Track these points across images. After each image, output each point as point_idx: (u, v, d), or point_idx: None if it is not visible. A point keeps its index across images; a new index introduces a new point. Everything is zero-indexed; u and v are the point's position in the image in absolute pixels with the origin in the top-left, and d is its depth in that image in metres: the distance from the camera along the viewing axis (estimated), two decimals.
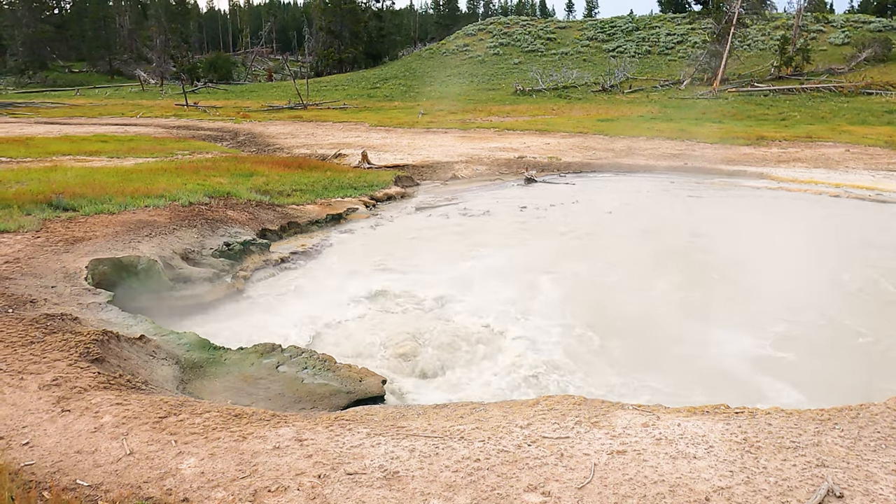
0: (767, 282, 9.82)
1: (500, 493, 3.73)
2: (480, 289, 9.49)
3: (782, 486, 3.78)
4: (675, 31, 61.31)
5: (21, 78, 69.88)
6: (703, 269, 10.74)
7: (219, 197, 12.82)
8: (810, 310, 8.74)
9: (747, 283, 9.86)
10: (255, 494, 3.71)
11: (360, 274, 10.27)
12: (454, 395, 6.56)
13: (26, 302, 6.96)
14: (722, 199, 16.66)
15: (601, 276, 10.27)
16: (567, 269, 10.46)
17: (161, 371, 6.18)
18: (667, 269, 10.55)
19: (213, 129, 32.05)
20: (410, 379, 7.00)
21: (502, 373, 7.01)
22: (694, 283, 9.92)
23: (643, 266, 10.68)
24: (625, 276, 10.22)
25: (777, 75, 46.42)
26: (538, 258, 11.15)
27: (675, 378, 6.79)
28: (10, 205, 10.67)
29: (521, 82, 51.89)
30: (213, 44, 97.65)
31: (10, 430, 4.37)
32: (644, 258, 11.14)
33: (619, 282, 10.00)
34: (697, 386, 6.62)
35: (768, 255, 11.35)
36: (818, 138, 25.48)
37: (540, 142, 25.52)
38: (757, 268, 10.54)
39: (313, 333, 7.98)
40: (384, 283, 9.65)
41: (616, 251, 11.64)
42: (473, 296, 9.21)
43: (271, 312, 8.69)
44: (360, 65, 72.89)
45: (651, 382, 6.73)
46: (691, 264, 10.98)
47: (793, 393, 6.48)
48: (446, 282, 9.76)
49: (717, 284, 9.98)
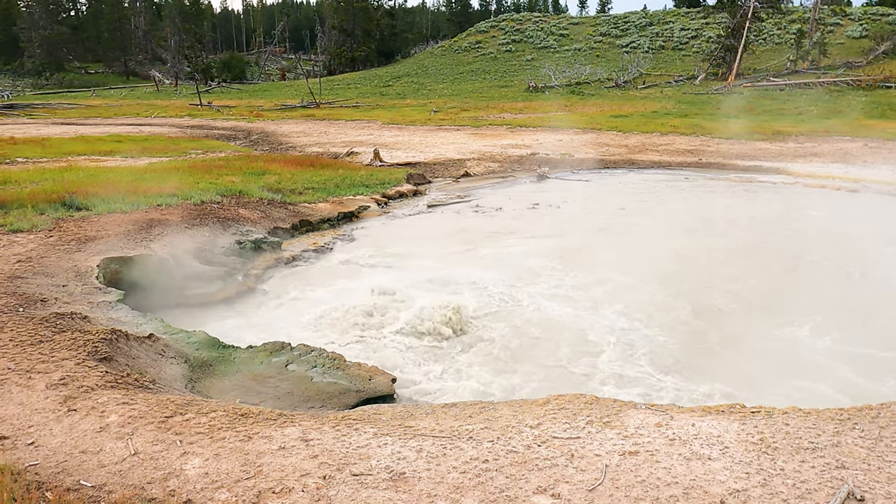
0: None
1: (508, 494, 3.65)
2: (495, 288, 9.40)
3: (800, 488, 3.66)
4: (690, 25, 60.68)
5: (38, 79, 70.63)
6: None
7: (231, 196, 12.83)
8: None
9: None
10: (258, 496, 3.65)
11: (371, 272, 10.21)
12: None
13: (37, 301, 6.97)
14: (736, 193, 16.45)
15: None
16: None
17: (170, 370, 6.16)
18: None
19: (227, 129, 32.17)
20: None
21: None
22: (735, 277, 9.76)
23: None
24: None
25: (793, 69, 45.80)
26: (550, 256, 11.03)
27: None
28: (25, 204, 10.75)
29: (533, 79, 51.63)
30: (227, 44, 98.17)
31: (16, 430, 4.35)
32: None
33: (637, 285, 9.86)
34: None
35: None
36: (836, 133, 25.09)
37: (552, 138, 25.35)
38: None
39: (322, 330, 7.93)
40: (392, 281, 9.58)
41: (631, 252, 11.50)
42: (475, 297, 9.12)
43: (282, 311, 8.65)
44: (373, 63, 72.90)
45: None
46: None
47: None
48: (454, 284, 9.64)
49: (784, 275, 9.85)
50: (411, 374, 6.85)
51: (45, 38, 71.37)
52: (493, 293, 9.14)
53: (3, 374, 5.12)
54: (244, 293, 9.22)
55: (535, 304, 8.76)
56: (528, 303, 8.82)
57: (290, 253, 11.12)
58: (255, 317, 8.44)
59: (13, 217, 10.05)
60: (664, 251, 10.99)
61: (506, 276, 9.77)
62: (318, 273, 10.26)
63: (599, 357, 7.15)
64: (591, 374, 6.78)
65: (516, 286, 9.41)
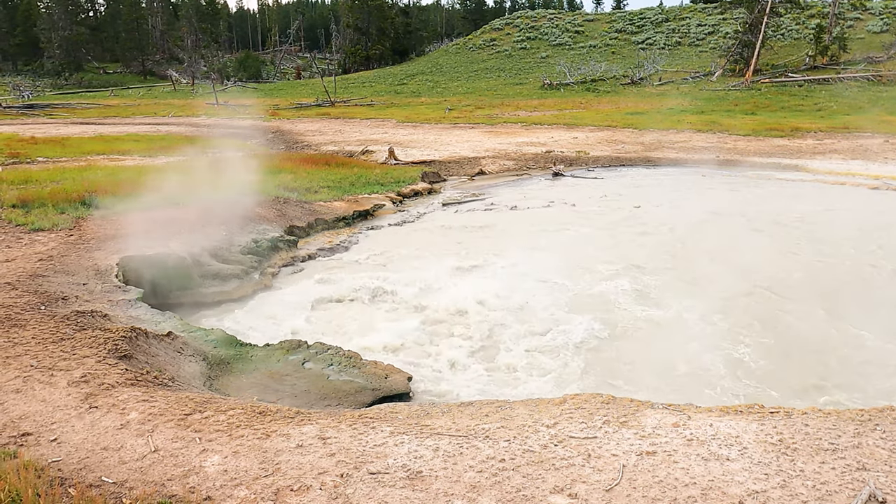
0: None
1: (525, 494, 3.65)
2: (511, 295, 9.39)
3: (820, 490, 3.63)
4: (706, 21, 60.09)
5: (58, 80, 71.52)
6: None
7: (247, 194, 12.89)
8: None
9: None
10: (277, 493, 3.68)
11: (384, 271, 10.23)
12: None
13: (58, 299, 7.07)
14: (752, 189, 16.28)
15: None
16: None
17: (188, 367, 6.22)
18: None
19: (243, 128, 32.36)
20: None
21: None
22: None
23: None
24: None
25: (812, 65, 45.22)
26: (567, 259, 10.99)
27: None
28: (46, 203, 10.90)
29: (548, 76, 51.42)
30: (243, 43, 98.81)
31: (40, 427, 4.42)
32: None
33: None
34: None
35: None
36: (856, 129, 24.75)
37: (568, 136, 25.25)
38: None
39: (337, 329, 7.97)
40: (405, 280, 9.59)
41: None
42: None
43: (298, 309, 8.69)
44: (387, 61, 73.00)
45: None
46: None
47: None
48: (466, 284, 9.65)
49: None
50: (427, 370, 6.86)
51: (65, 38, 72.25)
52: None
53: (26, 372, 5.21)
54: (261, 291, 9.30)
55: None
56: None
57: (306, 251, 11.18)
58: (271, 315, 8.49)
59: (35, 216, 10.19)
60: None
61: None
62: (334, 271, 10.30)
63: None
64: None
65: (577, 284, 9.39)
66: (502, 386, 6.49)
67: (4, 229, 9.57)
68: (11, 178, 13.29)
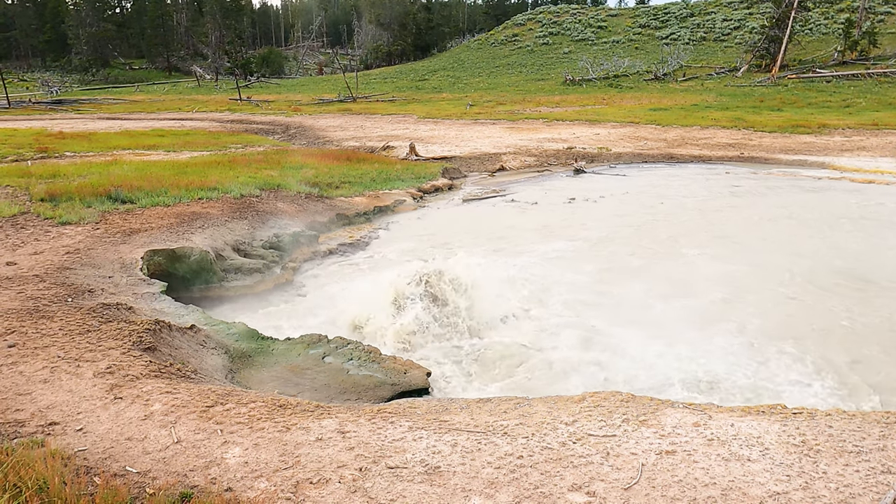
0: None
1: (543, 491, 3.64)
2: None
3: (844, 493, 3.57)
4: (732, 16, 59.25)
5: (85, 75, 72.82)
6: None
7: (269, 189, 13.02)
8: None
9: None
10: (296, 486, 3.72)
11: (406, 264, 10.24)
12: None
13: (85, 291, 7.20)
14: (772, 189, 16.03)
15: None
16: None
17: (210, 360, 6.30)
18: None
19: (265, 123, 32.64)
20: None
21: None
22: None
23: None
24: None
25: (841, 60, 44.34)
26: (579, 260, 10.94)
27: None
28: (73, 197, 11.11)
29: (570, 72, 51.10)
30: (266, 39, 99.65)
31: (66, 416, 4.51)
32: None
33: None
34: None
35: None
36: (885, 126, 24.24)
37: (590, 132, 25.08)
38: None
39: (358, 324, 8.01)
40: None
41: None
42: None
43: (319, 304, 8.76)
44: (409, 57, 73.13)
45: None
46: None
47: None
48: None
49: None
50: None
51: (92, 35, 73.48)
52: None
53: (53, 362, 5.31)
54: (282, 285, 9.38)
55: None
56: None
57: (327, 246, 11.25)
58: (292, 309, 8.57)
59: (62, 209, 10.38)
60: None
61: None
62: (355, 266, 10.36)
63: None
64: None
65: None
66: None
67: (33, 223, 9.76)
68: (40, 173, 13.55)
